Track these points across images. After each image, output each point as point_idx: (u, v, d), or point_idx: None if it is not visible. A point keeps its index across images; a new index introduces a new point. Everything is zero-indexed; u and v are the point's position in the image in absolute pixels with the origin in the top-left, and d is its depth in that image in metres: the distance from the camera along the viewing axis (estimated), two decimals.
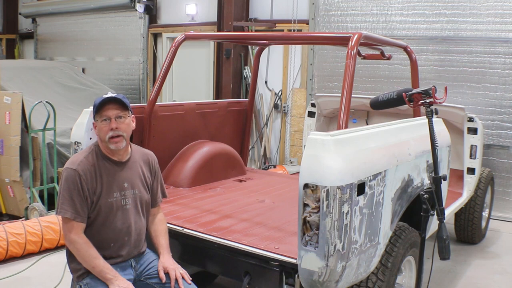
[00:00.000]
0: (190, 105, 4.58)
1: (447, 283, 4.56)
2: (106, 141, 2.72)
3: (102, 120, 2.72)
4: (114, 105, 2.72)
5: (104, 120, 2.71)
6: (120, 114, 2.73)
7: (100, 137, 2.76)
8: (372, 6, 7.31)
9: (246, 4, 8.31)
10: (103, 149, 2.79)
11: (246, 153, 5.30)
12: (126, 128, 2.75)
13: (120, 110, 2.73)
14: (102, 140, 2.76)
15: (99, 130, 2.75)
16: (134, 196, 2.84)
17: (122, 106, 2.74)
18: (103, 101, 2.71)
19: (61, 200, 2.66)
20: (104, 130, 2.71)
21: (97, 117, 2.74)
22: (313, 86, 7.88)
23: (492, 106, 6.59)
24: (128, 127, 2.77)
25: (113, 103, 2.72)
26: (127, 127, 2.76)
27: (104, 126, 2.71)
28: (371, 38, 3.49)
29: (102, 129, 2.72)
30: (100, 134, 2.75)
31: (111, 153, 2.79)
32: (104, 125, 2.71)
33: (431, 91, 2.70)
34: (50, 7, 11.09)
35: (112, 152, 2.78)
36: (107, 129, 2.71)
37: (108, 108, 2.71)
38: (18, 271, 4.47)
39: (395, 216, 3.03)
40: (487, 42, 6.56)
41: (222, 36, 5.72)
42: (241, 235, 3.10)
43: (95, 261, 2.63)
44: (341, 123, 2.93)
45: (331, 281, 2.56)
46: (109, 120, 2.71)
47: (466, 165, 5.10)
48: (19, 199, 5.74)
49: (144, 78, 9.95)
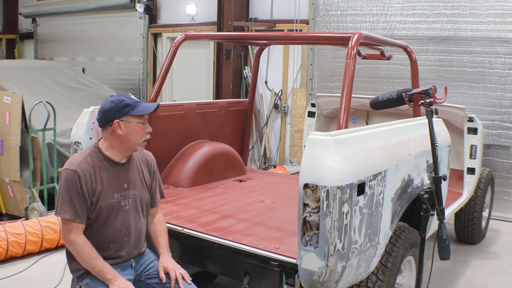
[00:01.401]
0: (190, 105, 4.58)
1: (447, 283, 4.56)
2: (138, 143, 2.76)
3: (139, 123, 2.74)
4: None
5: (142, 123, 2.75)
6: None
7: (130, 138, 2.74)
8: (372, 6, 7.31)
9: (246, 4, 8.31)
10: (106, 150, 2.77)
11: (246, 153, 5.30)
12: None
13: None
14: (132, 142, 2.75)
15: (132, 130, 2.73)
16: (134, 197, 2.84)
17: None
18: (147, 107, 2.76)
19: (60, 201, 2.65)
20: (141, 133, 2.75)
21: (134, 119, 2.72)
22: (313, 86, 7.88)
23: (492, 106, 6.59)
24: None
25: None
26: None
27: (141, 128, 2.75)
28: (371, 38, 3.49)
29: (139, 132, 2.74)
30: (134, 136, 2.74)
31: (114, 154, 2.78)
32: (142, 128, 2.75)
33: (431, 91, 2.70)
34: (50, 7, 11.09)
35: (115, 153, 2.77)
36: (144, 132, 2.76)
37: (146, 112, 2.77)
38: (18, 271, 4.47)
39: (395, 216, 3.03)
40: (487, 42, 6.56)
41: (222, 36, 5.73)
42: (241, 235, 3.10)
43: (95, 262, 2.63)
44: (341, 123, 2.93)
45: (331, 281, 2.56)
46: (145, 124, 2.77)
47: (466, 165, 5.10)
48: (19, 199, 5.74)
49: (144, 78, 9.96)
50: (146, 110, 2.75)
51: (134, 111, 2.71)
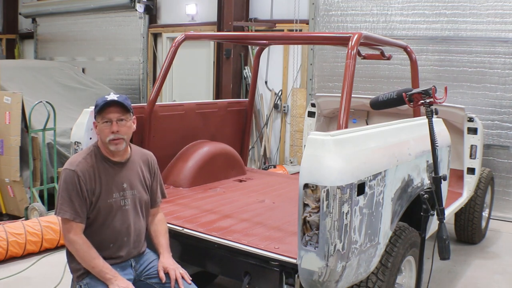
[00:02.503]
0: (190, 105, 4.58)
1: (447, 283, 4.56)
2: (106, 142, 2.73)
3: (103, 122, 2.72)
4: (116, 108, 2.72)
5: (106, 122, 2.71)
6: (121, 117, 2.73)
7: (101, 138, 2.78)
8: (372, 6, 7.31)
9: (246, 4, 8.31)
10: (103, 150, 2.79)
11: (246, 153, 5.30)
12: (126, 131, 2.76)
13: (121, 113, 2.73)
14: (103, 141, 2.77)
15: (100, 131, 2.75)
16: (133, 197, 2.84)
17: (124, 108, 2.74)
18: (105, 103, 2.70)
19: (60, 201, 2.66)
20: (105, 132, 2.72)
21: (99, 118, 2.73)
22: (313, 86, 7.88)
23: (492, 106, 6.59)
24: (129, 129, 2.78)
25: (115, 106, 2.72)
26: (127, 130, 2.77)
27: (105, 128, 2.71)
28: (371, 38, 3.49)
29: (103, 131, 2.73)
30: (101, 135, 2.76)
31: (111, 154, 2.79)
32: (106, 127, 2.71)
33: (431, 91, 2.70)
34: (50, 7, 11.08)
35: (112, 153, 2.79)
36: (108, 132, 2.71)
37: (110, 111, 2.71)
38: (18, 271, 4.47)
39: (395, 216, 3.03)
40: (487, 42, 6.56)
41: (222, 36, 5.72)
42: (241, 235, 3.10)
43: (94, 261, 2.63)
44: (341, 123, 2.93)
45: (331, 281, 2.56)
46: (110, 123, 2.71)
47: (466, 165, 5.10)
48: (19, 199, 5.74)
49: (144, 78, 9.95)
50: (101, 109, 2.71)
51: (96, 110, 2.74)
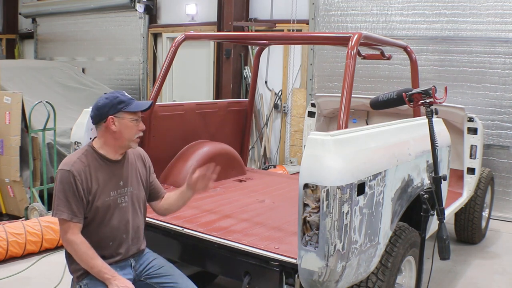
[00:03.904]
0: (190, 105, 4.58)
1: (447, 283, 4.56)
2: (132, 139, 2.77)
3: (133, 120, 2.75)
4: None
5: (135, 120, 2.76)
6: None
7: (124, 135, 2.75)
8: (372, 6, 7.31)
9: (246, 4, 8.31)
10: (102, 149, 2.77)
11: (246, 153, 5.30)
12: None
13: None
14: (125, 138, 2.76)
15: (125, 127, 2.73)
16: (130, 194, 2.84)
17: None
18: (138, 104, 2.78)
19: (56, 202, 2.65)
20: (134, 130, 2.76)
21: (127, 115, 2.73)
22: (313, 86, 7.88)
23: (492, 106, 6.59)
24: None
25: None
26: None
27: (134, 125, 2.76)
28: (371, 38, 3.49)
29: (132, 128, 2.75)
30: (125, 132, 2.74)
31: (108, 151, 2.78)
32: (135, 125, 2.77)
33: (431, 91, 2.70)
34: (50, 7, 11.09)
35: (109, 150, 2.78)
36: (137, 129, 2.77)
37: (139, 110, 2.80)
38: (18, 271, 4.47)
39: (395, 216, 3.03)
40: (487, 42, 6.56)
41: (222, 36, 5.72)
42: (241, 235, 3.10)
43: (93, 262, 2.63)
44: (341, 123, 2.92)
45: (331, 281, 2.56)
46: (138, 121, 2.78)
47: (466, 165, 5.10)
48: (19, 199, 5.74)
49: (144, 78, 9.96)
50: (140, 107, 2.77)
51: (128, 107, 2.73)
